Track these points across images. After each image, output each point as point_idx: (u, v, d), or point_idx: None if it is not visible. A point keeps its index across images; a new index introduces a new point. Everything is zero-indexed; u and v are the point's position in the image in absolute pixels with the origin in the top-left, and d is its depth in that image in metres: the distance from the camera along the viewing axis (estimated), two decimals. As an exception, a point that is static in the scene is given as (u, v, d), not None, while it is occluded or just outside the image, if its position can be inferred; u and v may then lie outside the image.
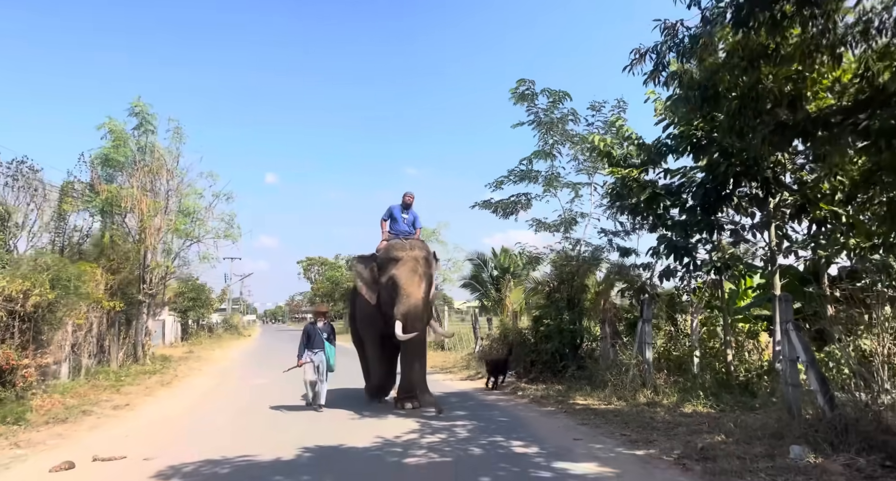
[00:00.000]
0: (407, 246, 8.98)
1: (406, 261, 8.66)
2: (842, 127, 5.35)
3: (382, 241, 9.42)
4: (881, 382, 6.28)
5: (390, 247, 9.03)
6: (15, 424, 7.70)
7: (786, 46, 5.89)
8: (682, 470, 5.08)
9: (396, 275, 8.55)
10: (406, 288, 8.44)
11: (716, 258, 9.38)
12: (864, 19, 5.40)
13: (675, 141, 9.69)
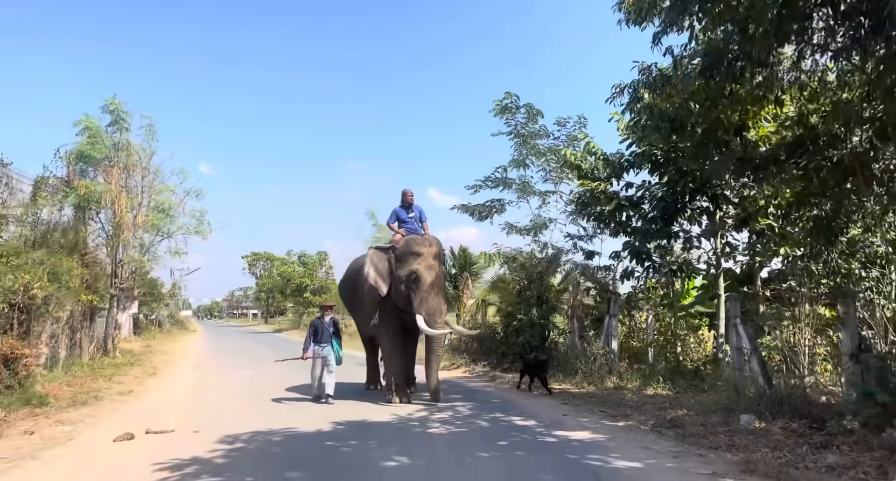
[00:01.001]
0: (426, 242, 9.01)
1: (426, 257, 8.73)
2: (786, 163, 6.72)
3: (397, 235, 9.30)
4: (804, 367, 7.80)
5: (410, 242, 8.98)
6: (39, 407, 8.15)
7: (739, 91, 7.22)
8: (658, 435, 6.31)
9: (419, 270, 8.57)
10: (429, 284, 8.51)
11: (671, 262, 10.81)
12: (798, 76, 6.80)
13: (637, 158, 11.06)
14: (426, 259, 8.72)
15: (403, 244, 9.02)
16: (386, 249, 9.26)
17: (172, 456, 5.65)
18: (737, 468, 4.90)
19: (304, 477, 4.89)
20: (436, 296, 8.59)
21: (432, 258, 8.81)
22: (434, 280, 8.62)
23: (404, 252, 8.88)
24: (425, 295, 8.47)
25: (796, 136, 7.08)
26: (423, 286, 8.50)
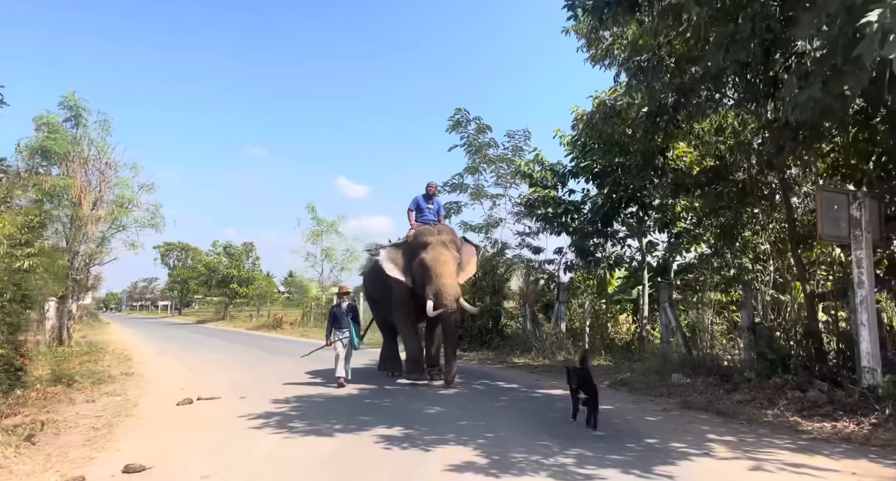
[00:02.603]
0: (435, 231, 9.46)
1: (435, 245, 9.15)
2: (708, 188, 9.01)
3: (411, 230, 9.80)
4: (710, 339, 10.23)
5: (419, 234, 9.48)
6: (68, 386, 9.01)
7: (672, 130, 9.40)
8: (615, 390, 8.38)
9: (426, 257, 9.02)
10: (435, 268, 8.92)
11: (607, 257, 13.09)
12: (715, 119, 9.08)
13: (580, 170, 13.24)
14: (434, 247, 9.15)
15: (413, 236, 9.55)
16: (399, 245, 9.79)
17: (246, 413, 6.99)
18: (678, 406, 7.01)
19: (373, 420, 6.42)
20: (443, 280, 8.87)
21: (440, 245, 9.20)
22: (441, 265, 8.96)
23: (415, 244, 9.39)
24: (433, 279, 8.88)
25: (712, 166, 9.37)
26: (431, 271, 8.93)
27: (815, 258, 9.93)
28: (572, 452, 5.00)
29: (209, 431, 6.29)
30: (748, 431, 5.73)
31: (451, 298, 8.87)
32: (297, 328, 27.24)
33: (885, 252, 7.61)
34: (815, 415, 6.05)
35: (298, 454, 5.22)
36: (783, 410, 6.32)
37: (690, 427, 5.97)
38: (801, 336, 8.33)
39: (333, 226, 31.16)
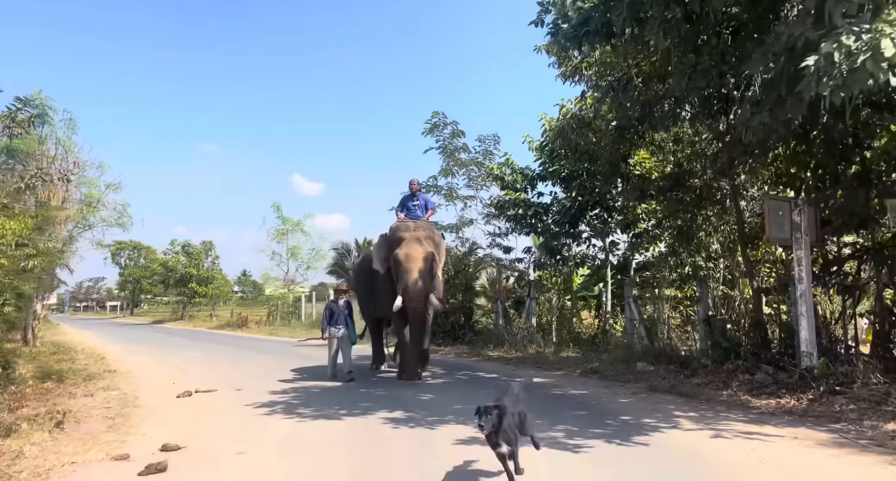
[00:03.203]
0: (411, 227, 9.53)
1: (408, 241, 9.21)
2: (668, 193, 9.93)
3: (394, 223, 9.99)
4: (668, 331, 11.22)
5: (396, 229, 9.64)
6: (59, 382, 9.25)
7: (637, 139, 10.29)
8: (586, 378, 9.21)
9: (398, 253, 9.12)
10: (404, 265, 9.00)
11: (574, 256, 13.98)
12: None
13: (548, 174, 14.06)
14: (407, 243, 9.21)
15: (391, 231, 9.71)
16: (383, 236, 9.92)
17: (249, 402, 7.46)
18: (645, 390, 7.85)
19: (374, 405, 7.00)
20: (411, 276, 8.94)
21: (414, 242, 9.23)
22: (410, 262, 9.02)
23: (391, 238, 9.57)
24: (402, 275, 8.98)
25: (672, 174, 10.31)
26: (400, 267, 9.03)
27: (760, 257, 10.99)
28: (559, 428, 5.72)
29: (222, 418, 6.75)
30: (707, 408, 6.59)
31: (416, 295, 8.90)
32: (263, 327, 27.29)
33: (820, 251, 8.65)
34: (762, 394, 6.98)
35: (316, 434, 5.78)
36: (736, 390, 7.23)
37: (658, 406, 6.80)
38: (749, 326, 9.35)
39: (299, 225, 31.29)
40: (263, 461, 4.94)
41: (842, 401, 6.17)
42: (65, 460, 4.96)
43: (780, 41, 5.13)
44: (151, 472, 4.64)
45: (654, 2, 5.94)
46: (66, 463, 4.92)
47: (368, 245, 30.70)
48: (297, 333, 22.38)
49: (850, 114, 4.96)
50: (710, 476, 4.28)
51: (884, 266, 8.15)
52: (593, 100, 10.62)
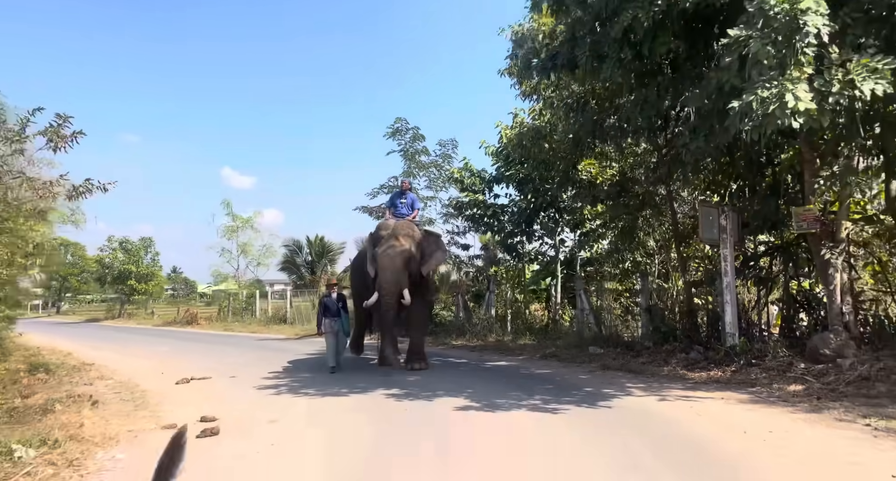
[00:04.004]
0: (392, 225, 9.91)
1: (387, 239, 9.61)
2: (615, 197, 11.34)
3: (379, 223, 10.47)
4: (611, 320, 12.69)
5: (379, 227, 10.17)
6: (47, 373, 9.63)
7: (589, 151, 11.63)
8: (546, 361, 10.45)
9: (377, 250, 9.62)
10: (380, 261, 9.44)
11: (528, 253, 15.29)
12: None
13: (504, 178, 15.30)
14: (386, 240, 9.61)
15: (375, 230, 10.24)
16: (371, 236, 10.36)
17: (252, 386, 8.23)
18: (599, 368, 9.16)
19: (370, 386, 7.92)
20: (386, 272, 9.36)
21: (392, 239, 9.59)
22: (385, 258, 9.43)
23: (375, 237, 10.07)
24: (379, 272, 9.46)
25: (618, 180, 11.73)
26: (378, 266, 9.51)
27: (690, 254, 12.62)
28: (536, 398, 6.89)
29: (235, 398, 7.51)
30: (653, 381, 7.94)
31: (389, 290, 9.30)
32: (215, 323, 27.28)
33: (741, 250, 10.24)
34: (695, 368, 8.41)
35: (332, 407, 6.71)
36: (674, 366, 8.65)
37: (612, 380, 8.10)
38: (683, 314, 10.89)
39: (249, 221, 31.26)
40: (296, 427, 5.85)
41: (756, 371, 7.65)
42: (121, 429, 5.69)
43: (711, 84, 6.47)
44: (207, 435, 5.48)
45: (611, 44, 7.19)
46: (125, 430, 5.65)
47: (321, 241, 31.37)
48: (253, 329, 22.67)
49: (764, 143, 6.36)
50: (661, 426, 5.53)
51: (790, 261, 9.84)
52: (551, 116, 11.90)
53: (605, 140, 10.18)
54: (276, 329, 21.85)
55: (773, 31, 5.45)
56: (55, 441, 5.02)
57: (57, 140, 6.29)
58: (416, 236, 9.97)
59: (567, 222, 15.29)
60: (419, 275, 9.75)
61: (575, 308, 14.97)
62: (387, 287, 9.31)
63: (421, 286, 9.97)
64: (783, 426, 5.33)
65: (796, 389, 6.75)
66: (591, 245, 15.35)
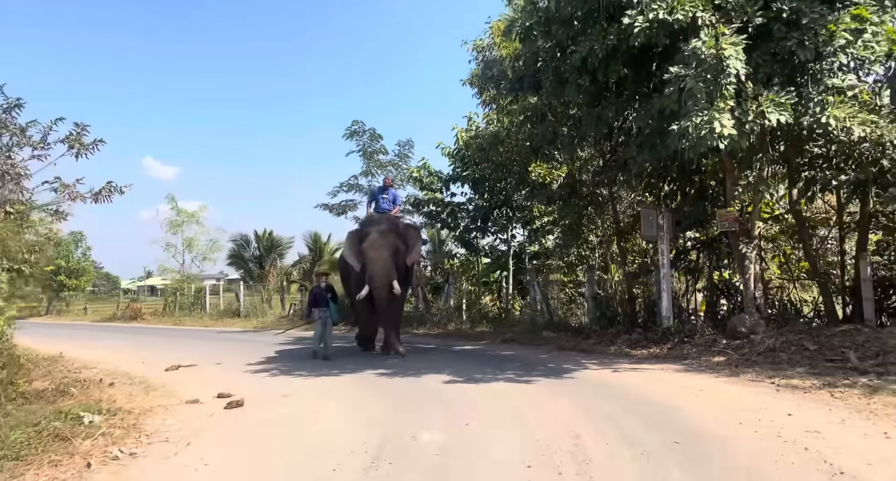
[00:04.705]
0: (377, 220, 10.37)
1: (373, 234, 9.99)
2: (565, 198, 12.68)
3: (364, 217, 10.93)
4: (559, 307, 14.11)
5: (364, 223, 10.67)
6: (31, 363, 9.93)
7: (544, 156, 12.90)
8: (507, 345, 11.66)
9: (364, 246, 9.97)
10: (369, 255, 9.83)
11: (483, 247, 16.51)
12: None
13: (460, 177, 16.42)
14: (373, 235, 10.00)
15: (360, 225, 10.77)
16: (354, 232, 10.80)
17: (244, 371, 8.96)
18: (556, 349, 10.44)
19: (358, 366, 8.83)
20: (375, 264, 9.79)
21: (377, 233, 10.00)
22: (373, 250, 9.85)
23: (360, 232, 10.46)
24: (369, 264, 9.88)
25: (568, 183, 13.10)
26: (366, 257, 9.93)
27: (629, 248, 14.17)
28: (508, 373, 8.04)
29: (235, 380, 8.21)
30: (603, 358, 9.28)
31: (381, 282, 9.80)
32: (162, 318, 27.02)
33: (674, 245, 11.80)
34: (637, 347, 9.83)
35: (333, 384, 7.62)
36: (620, 346, 10.04)
37: (569, 358, 9.38)
38: (624, 301, 12.38)
39: (195, 216, 30.93)
40: (311, 399, 6.73)
41: (688, 347, 9.12)
42: (151, 404, 6.39)
43: (655, 107, 7.80)
44: (233, 407, 6.29)
45: (571, 70, 8.41)
46: (155, 406, 6.36)
47: (270, 236, 31.48)
48: (206, 323, 22.80)
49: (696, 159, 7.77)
50: (618, 389, 6.81)
51: (713, 255, 11.49)
52: (508, 123, 13.10)
53: (559, 148, 11.46)
54: (229, 322, 22.13)
55: (704, 70, 6.79)
56: (107, 410, 5.71)
57: (80, 147, 6.80)
58: (400, 229, 10.60)
59: (519, 219, 16.59)
60: (404, 266, 10.35)
61: (524, 298, 16.37)
62: (378, 279, 9.75)
63: (406, 276, 10.60)
64: (711, 386, 6.71)
65: (719, 360, 8.22)
66: (540, 240, 16.71)
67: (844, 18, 7.05)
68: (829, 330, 8.54)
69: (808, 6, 7.06)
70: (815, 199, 10.03)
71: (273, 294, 27.11)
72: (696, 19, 7.04)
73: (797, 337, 8.37)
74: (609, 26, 7.85)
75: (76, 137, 6.89)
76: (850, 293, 10.03)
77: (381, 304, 10.01)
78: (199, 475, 4.21)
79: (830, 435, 4.60)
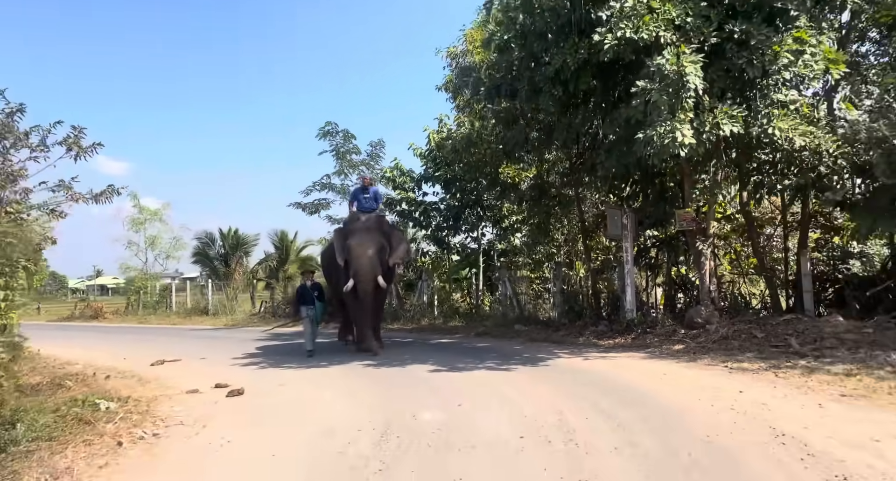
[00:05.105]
0: (361, 217, 10.63)
1: (358, 232, 10.27)
2: (534, 198, 13.37)
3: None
4: (526, 302, 14.83)
5: (348, 220, 10.97)
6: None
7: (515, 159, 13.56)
8: (481, 338, 12.27)
9: (349, 243, 10.14)
10: (354, 251, 10.00)
11: (455, 245, 17.11)
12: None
13: (432, 178, 16.98)
14: (358, 233, 10.26)
15: (344, 224, 11.14)
16: (338, 230, 11.14)
17: (231, 364, 9.29)
18: (528, 341, 11.11)
19: (344, 359, 9.28)
20: (360, 261, 9.97)
21: (363, 231, 10.27)
22: (358, 247, 10.03)
23: (345, 230, 10.75)
24: (353, 261, 10.03)
25: (538, 184, 13.80)
26: (351, 254, 10.06)
27: (593, 246, 15.00)
28: (487, 362, 8.64)
29: (224, 373, 8.45)
30: (573, 348, 9.98)
31: (366, 277, 9.99)
32: (126, 317, 26.62)
33: (637, 243, 12.64)
34: (604, 337, 10.58)
35: (325, 374, 8.06)
36: (588, 337, 10.77)
37: (542, 348, 10.05)
38: (589, 295, 13.17)
39: (158, 214, 30.51)
40: (307, 388, 7.17)
41: (650, 337, 9.92)
42: (153, 394, 6.71)
43: (622, 116, 8.52)
44: (234, 395, 6.68)
45: (545, 81, 9.07)
46: (157, 395, 6.69)
47: (235, 234, 31.31)
48: (173, 321, 22.68)
49: (658, 164, 8.54)
50: (590, 373, 7.49)
51: (671, 252, 12.37)
52: (480, 126, 13.71)
53: (530, 151, 12.14)
54: (198, 320, 22.08)
55: (667, 85, 7.52)
56: (118, 398, 6.04)
57: (79, 150, 7.04)
58: (385, 228, 10.83)
59: (489, 218, 17.24)
60: (387, 264, 10.48)
61: (493, 294, 17.04)
62: (364, 275, 9.94)
63: (387, 274, 10.74)
64: (673, 370, 7.46)
65: (679, 348, 9.03)
66: (509, 238, 17.41)
67: (787, 40, 7.91)
68: (775, 319, 9.46)
69: (756, 29, 7.88)
70: (762, 201, 11.03)
71: (239, 292, 27.06)
72: (659, 38, 7.76)
73: (747, 326, 9.26)
74: (580, 41, 8.52)
75: (74, 140, 7.12)
76: (792, 286, 11.05)
77: (366, 300, 10.21)
78: (226, 450, 4.64)
79: (775, 407, 5.35)
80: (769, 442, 4.37)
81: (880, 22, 9.72)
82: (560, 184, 13.83)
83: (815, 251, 11.36)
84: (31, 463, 4.22)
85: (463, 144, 13.94)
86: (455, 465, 4.07)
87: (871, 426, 4.64)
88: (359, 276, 10.01)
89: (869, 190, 9.06)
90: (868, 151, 8.40)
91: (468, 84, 10.51)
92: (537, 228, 15.29)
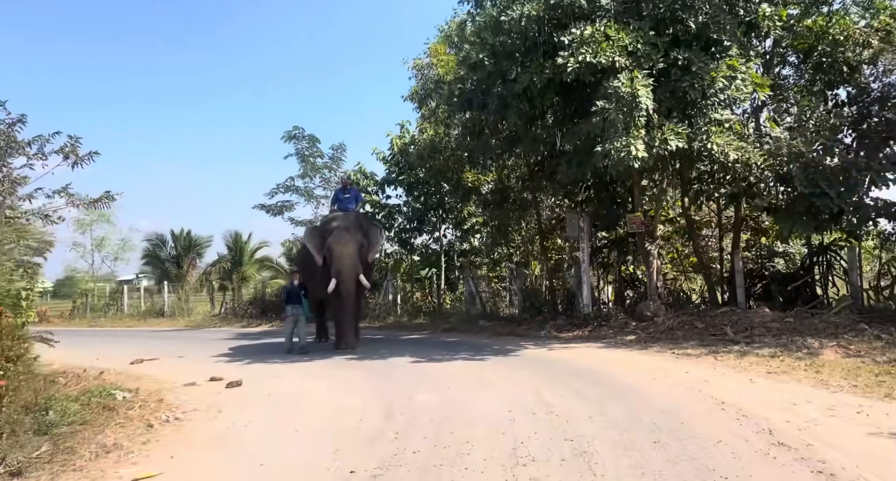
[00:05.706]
0: (341, 217, 10.80)
1: (339, 230, 10.38)
2: (502, 203, 14.27)
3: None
4: (489, 300, 15.74)
5: (328, 220, 11.08)
6: None
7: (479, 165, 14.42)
8: (448, 334, 13.04)
9: (330, 242, 10.27)
10: (336, 251, 10.15)
11: (420, 247, 17.85)
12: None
13: (396, 181, 17.64)
14: (339, 232, 10.40)
15: (324, 222, 11.31)
16: (316, 228, 11.49)
17: (214, 361, 9.69)
18: (494, 335, 11.96)
19: (328, 354, 9.86)
20: (342, 260, 10.10)
21: (343, 230, 10.42)
22: (339, 246, 10.18)
23: (324, 229, 10.89)
24: (335, 260, 10.15)
25: (500, 188, 14.72)
26: (333, 254, 10.19)
27: (549, 247, 16.04)
28: (461, 354, 9.43)
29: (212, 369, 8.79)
30: (537, 340, 10.89)
31: (348, 276, 10.15)
32: (74, 320, 25.94)
33: (591, 245, 13.73)
34: (563, 331, 11.56)
35: (313, 368, 8.64)
36: (549, 330, 11.72)
37: (508, 341, 10.92)
38: (547, 292, 14.19)
39: (105, 216, 29.77)
40: (301, 380, 7.74)
41: (605, 329, 10.97)
42: (152, 387, 7.13)
43: (582, 130, 9.50)
44: (234, 386, 7.19)
45: (512, 97, 9.96)
46: (158, 388, 7.11)
47: (188, 235, 30.92)
48: (128, 323, 22.43)
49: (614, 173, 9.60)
50: (557, 361, 8.39)
51: (621, 252, 13.53)
52: (444, 133, 14.51)
53: (493, 158, 13.03)
54: (154, 322, 21.96)
55: (622, 105, 8.53)
56: (128, 389, 6.48)
57: (76, 158, 7.36)
58: (364, 226, 11.04)
59: (450, 220, 18.05)
60: (365, 261, 10.68)
61: (453, 292, 17.88)
62: (346, 274, 10.09)
63: (366, 271, 10.88)
64: (628, 357, 8.47)
65: (631, 338, 10.09)
66: (469, 239, 18.28)
67: (722, 66, 9.07)
68: (712, 312, 10.68)
69: (696, 56, 9.01)
70: (701, 207, 12.28)
71: (191, 294, 26.83)
72: (615, 63, 8.77)
73: (689, 318, 10.44)
74: (545, 62, 9.43)
75: (71, 149, 7.43)
76: (727, 282, 12.37)
77: (348, 299, 10.28)
78: (250, 429, 5.24)
79: (715, 383, 6.38)
80: (712, 408, 5.34)
81: (798, 48, 11.10)
82: (519, 188, 14.79)
83: (746, 251, 12.75)
84: (79, 440, 4.70)
85: (427, 150, 14.69)
86: (459, 432, 4.83)
87: (790, 394, 5.71)
88: (341, 276, 10.16)
89: (790, 197, 10.36)
90: (789, 164, 9.67)
91: (440, 96, 11.28)
92: (497, 230, 16.21)
